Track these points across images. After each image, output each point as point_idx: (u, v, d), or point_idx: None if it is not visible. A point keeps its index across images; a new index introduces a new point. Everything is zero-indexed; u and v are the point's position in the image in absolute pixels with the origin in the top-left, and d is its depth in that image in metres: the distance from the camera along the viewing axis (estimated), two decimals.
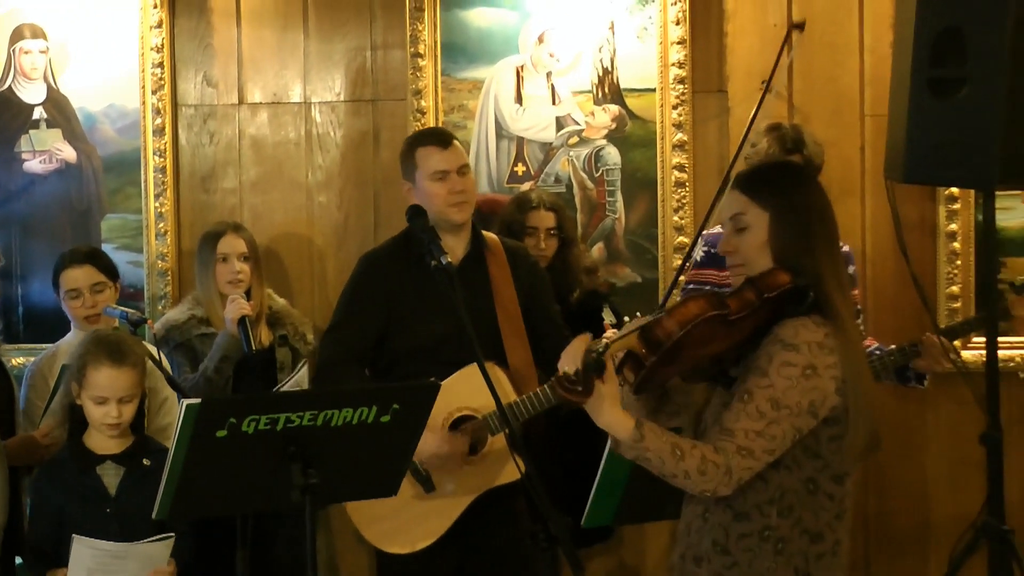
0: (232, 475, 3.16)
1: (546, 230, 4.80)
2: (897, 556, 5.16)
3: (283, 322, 4.89)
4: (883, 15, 5.04)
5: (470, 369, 3.91)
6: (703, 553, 2.89)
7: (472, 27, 5.30)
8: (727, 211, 2.94)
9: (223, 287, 4.76)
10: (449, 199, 4.06)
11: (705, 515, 2.90)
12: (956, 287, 5.07)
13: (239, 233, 4.86)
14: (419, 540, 4.03)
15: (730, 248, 2.91)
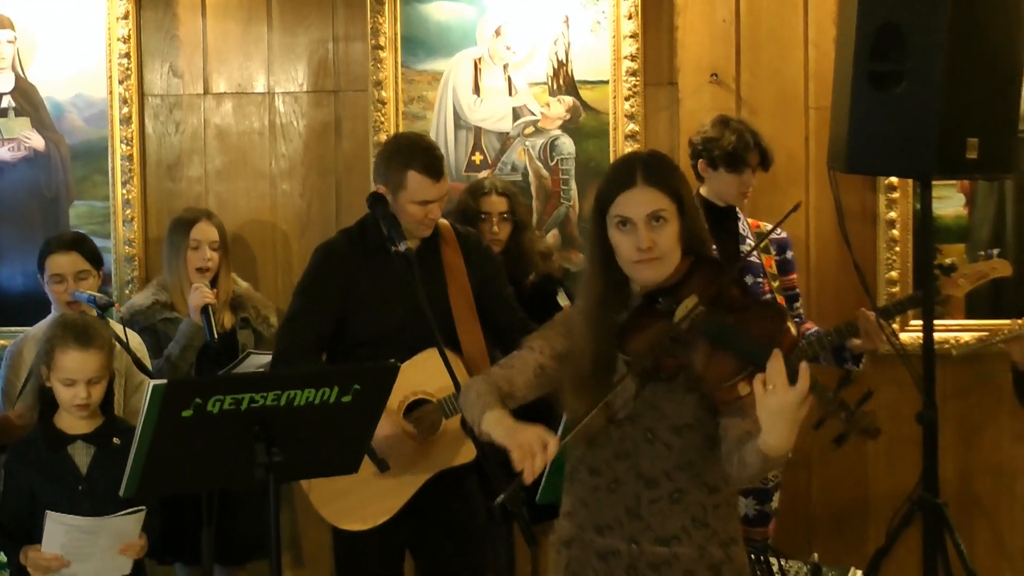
0: (197, 453, 3.17)
1: (499, 214, 4.80)
2: (838, 530, 5.21)
3: (245, 305, 4.90)
4: (826, 11, 5.07)
5: (425, 354, 3.93)
6: (674, 533, 2.87)
7: (431, 20, 5.30)
8: (645, 207, 2.83)
9: (192, 274, 4.76)
10: (424, 222, 4.05)
11: (675, 496, 2.87)
12: (895, 272, 5.11)
13: (211, 221, 4.85)
14: (375, 517, 4.03)
15: (650, 243, 2.82)
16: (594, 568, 2.93)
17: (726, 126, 4.55)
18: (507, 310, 4.23)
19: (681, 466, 2.87)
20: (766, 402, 2.52)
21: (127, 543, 3.81)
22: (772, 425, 2.54)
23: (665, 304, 2.82)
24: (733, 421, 2.78)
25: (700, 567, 2.87)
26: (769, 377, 2.51)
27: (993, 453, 5.17)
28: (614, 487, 2.91)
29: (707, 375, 2.73)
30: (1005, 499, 5.19)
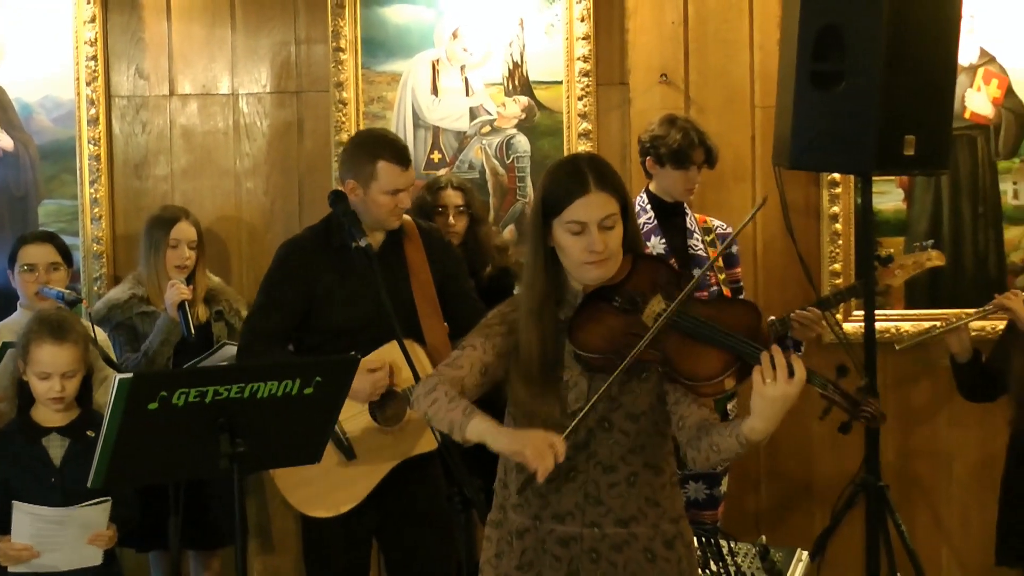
0: (163, 445, 3.15)
1: (455, 208, 4.81)
2: (785, 512, 5.24)
3: (218, 299, 4.90)
4: (771, 14, 5.10)
5: (390, 346, 3.93)
6: (632, 514, 2.92)
7: (390, 23, 5.29)
8: (599, 212, 2.84)
9: (170, 271, 4.76)
10: (395, 212, 4.05)
11: (631, 479, 2.92)
12: (838, 265, 5.14)
13: (190, 220, 4.86)
14: (341, 504, 4.03)
15: (603, 246, 2.84)
16: (554, 555, 2.94)
17: (672, 125, 4.57)
18: (468, 303, 4.24)
19: (634, 450, 2.92)
20: (766, 392, 2.60)
21: (96, 533, 3.80)
22: (765, 413, 2.63)
23: (623, 301, 2.85)
24: (689, 409, 2.84)
25: (656, 543, 2.94)
26: (767, 370, 2.59)
27: (931, 437, 5.22)
28: (572, 476, 2.92)
29: (692, 371, 2.76)
30: (943, 481, 5.24)
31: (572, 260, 2.89)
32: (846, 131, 3.98)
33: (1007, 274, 5.11)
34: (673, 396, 2.90)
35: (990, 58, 5.09)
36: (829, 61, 4.07)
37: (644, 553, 2.93)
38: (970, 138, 5.11)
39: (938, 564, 5.20)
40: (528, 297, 2.94)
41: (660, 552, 2.94)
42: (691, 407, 2.85)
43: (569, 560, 2.94)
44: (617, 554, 2.93)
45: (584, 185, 2.85)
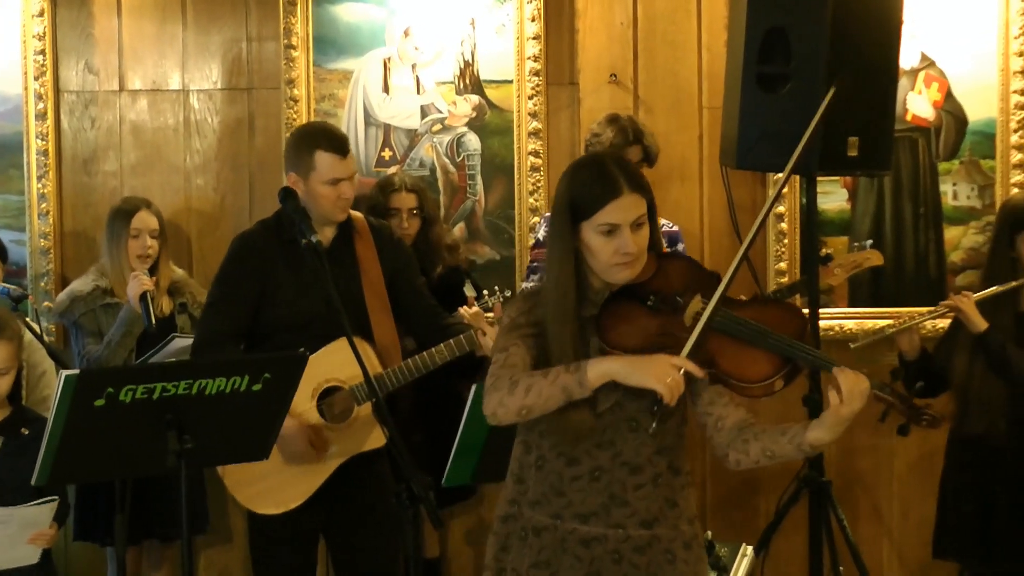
0: (110, 442, 3.13)
1: (408, 210, 4.79)
2: (731, 508, 5.26)
3: (182, 291, 4.89)
4: (718, 16, 5.12)
5: (337, 343, 3.90)
6: (655, 515, 2.88)
7: (341, 21, 5.27)
8: (632, 214, 2.81)
9: (133, 261, 4.74)
10: (338, 203, 4.02)
11: (656, 480, 2.88)
12: (784, 263, 5.17)
13: (151, 210, 4.84)
14: (289, 501, 4.00)
15: (634, 248, 2.81)
16: (576, 555, 2.88)
17: (611, 123, 4.59)
18: (419, 299, 4.22)
19: (660, 451, 2.88)
20: (842, 412, 2.66)
21: (38, 532, 3.74)
22: (837, 429, 2.69)
23: (658, 302, 2.82)
24: (727, 410, 2.86)
25: (676, 545, 2.90)
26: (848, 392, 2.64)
27: (873, 434, 5.22)
28: (597, 475, 2.87)
29: (741, 373, 2.75)
30: (884, 476, 5.29)
31: (602, 262, 2.84)
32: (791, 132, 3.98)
33: (947, 273, 5.16)
34: (707, 397, 2.88)
35: (930, 62, 5.13)
36: (774, 63, 4.09)
37: (665, 554, 2.88)
38: (911, 140, 5.16)
39: (879, 558, 5.24)
40: (558, 301, 2.87)
41: (680, 553, 2.90)
42: (728, 407, 2.86)
43: (590, 561, 2.88)
44: (639, 556, 2.87)
45: (617, 188, 2.82)
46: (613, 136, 4.52)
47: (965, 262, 5.14)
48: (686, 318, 2.80)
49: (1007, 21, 5.09)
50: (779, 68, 4.07)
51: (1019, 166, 5.11)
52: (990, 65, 5.13)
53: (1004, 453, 4.33)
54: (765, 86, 4.11)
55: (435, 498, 3.26)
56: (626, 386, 2.77)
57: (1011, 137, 5.11)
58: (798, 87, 4.02)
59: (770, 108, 4.09)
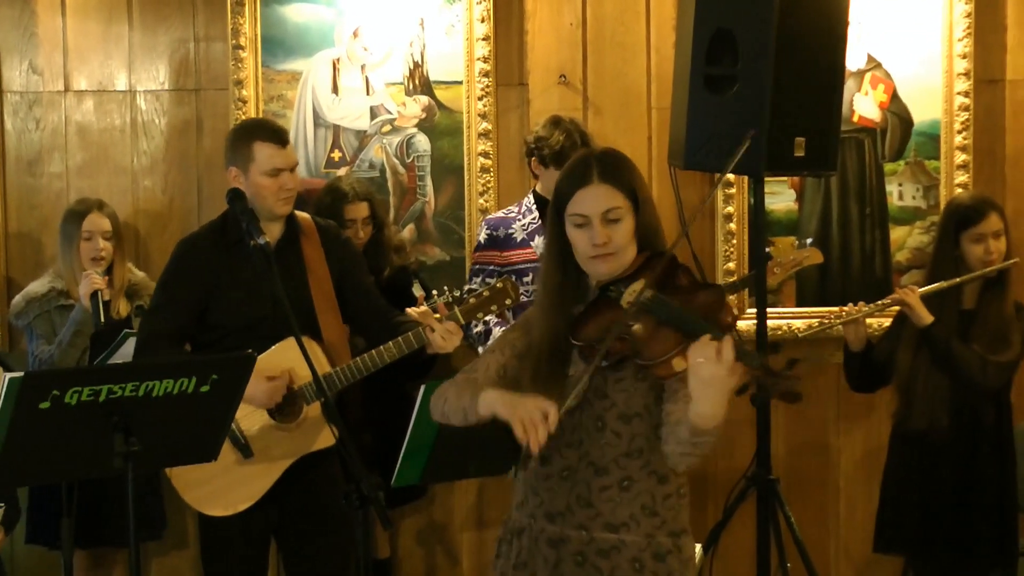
0: (55, 445, 3.10)
1: (362, 220, 4.80)
2: None
3: (140, 293, 4.88)
4: (666, 17, 5.14)
5: (285, 343, 3.90)
6: (623, 520, 2.81)
7: (290, 22, 5.25)
8: (601, 205, 2.80)
9: (86, 263, 4.74)
10: (279, 195, 4.02)
11: (624, 484, 2.81)
12: (732, 263, 5.21)
13: (103, 211, 4.84)
14: (238, 503, 3.99)
15: (605, 239, 2.79)
16: (544, 556, 2.86)
17: (556, 126, 4.60)
18: (368, 298, 4.22)
19: (630, 454, 2.82)
20: (697, 372, 2.52)
21: None
22: (703, 394, 2.53)
23: (616, 291, 2.80)
24: (676, 407, 2.73)
25: (647, 555, 2.81)
26: (703, 347, 2.50)
27: (820, 432, 5.30)
28: (566, 475, 2.85)
29: (647, 351, 2.70)
30: (831, 474, 5.33)
31: (580, 254, 2.84)
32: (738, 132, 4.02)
33: (893, 272, 5.21)
34: (668, 390, 2.79)
35: (876, 64, 5.19)
36: (722, 65, 4.11)
37: (632, 563, 2.81)
38: (858, 141, 5.21)
39: (825, 554, 5.29)
40: (542, 291, 2.90)
41: (649, 564, 2.81)
42: (680, 403, 2.71)
43: (556, 562, 2.86)
44: (603, 560, 2.82)
45: (586, 177, 2.81)
46: (562, 139, 4.54)
47: (911, 262, 5.20)
48: (623, 302, 2.78)
49: (951, 23, 5.15)
50: (726, 70, 4.10)
51: (963, 167, 5.18)
52: (935, 67, 5.19)
53: (947, 448, 4.38)
54: (712, 87, 4.13)
55: (385, 498, 3.25)
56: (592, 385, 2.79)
57: (955, 138, 5.17)
58: (745, 88, 4.05)
59: (717, 109, 4.12)
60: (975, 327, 4.38)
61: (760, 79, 4.00)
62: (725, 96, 4.10)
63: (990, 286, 4.40)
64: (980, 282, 4.40)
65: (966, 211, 4.42)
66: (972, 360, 4.30)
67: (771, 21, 3.96)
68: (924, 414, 4.38)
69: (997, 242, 4.37)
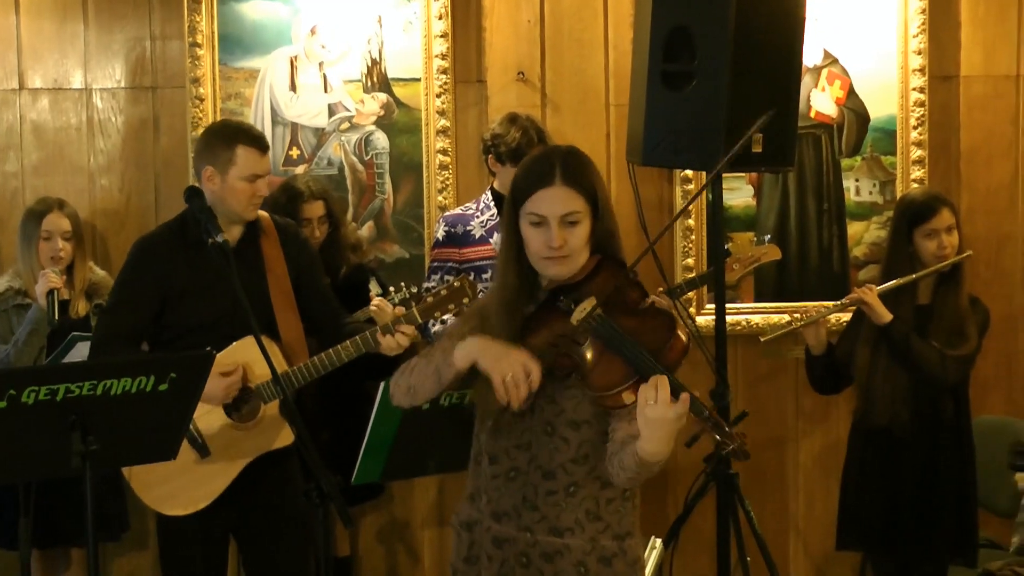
0: (12, 445, 3.09)
1: (318, 219, 4.80)
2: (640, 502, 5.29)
3: (100, 292, 4.86)
4: (624, 14, 5.17)
5: (243, 342, 3.90)
6: (568, 525, 2.83)
7: (247, 19, 5.24)
8: (560, 207, 2.78)
9: (45, 263, 4.73)
10: (252, 200, 4.02)
11: (570, 489, 2.83)
12: (691, 259, 5.24)
13: (63, 211, 4.82)
14: (197, 502, 3.98)
15: (560, 242, 2.77)
16: (488, 554, 2.89)
17: (513, 123, 4.60)
18: (322, 300, 4.23)
19: (577, 460, 2.83)
20: (646, 413, 2.54)
21: None
22: (651, 434, 2.56)
23: (566, 303, 2.79)
24: (621, 424, 2.75)
25: (591, 559, 2.83)
26: (651, 388, 2.53)
27: (779, 427, 5.35)
28: (513, 476, 2.86)
29: (595, 380, 2.72)
30: (790, 469, 5.38)
31: (532, 253, 2.83)
32: (696, 129, 4.05)
33: (850, 267, 5.27)
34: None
35: (833, 60, 5.24)
36: (679, 61, 4.14)
37: (577, 567, 2.83)
38: (815, 137, 5.26)
39: (785, 549, 5.34)
40: (499, 287, 2.89)
41: (594, 568, 2.83)
42: (623, 421, 2.74)
43: (501, 562, 2.87)
44: (547, 563, 2.84)
45: (549, 177, 2.79)
46: (519, 136, 4.55)
47: (868, 257, 5.26)
48: (573, 319, 2.77)
49: (906, 20, 5.21)
50: (684, 66, 4.12)
51: (919, 162, 5.24)
52: (890, 63, 5.25)
53: (908, 444, 4.42)
54: (670, 84, 4.16)
55: (345, 497, 3.26)
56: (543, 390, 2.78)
57: (911, 134, 5.24)
58: (702, 85, 4.08)
59: (675, 106, 4.14)
60: (932, 322, 4.43)
61: (718, 76, 4.03)
62: (683, 93, 4.13)
63: (944, 281, 4.46)
64: (935, 277, 4.46)
65: (918, 207, 4.47)
66: (931, 356, 4.35)
67: (728, 18, 3.99)
68: (885, 410, 4.42)
69: (950, 237, 4.42)
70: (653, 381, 2.54)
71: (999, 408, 5.30)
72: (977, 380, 4.95)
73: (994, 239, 5.34)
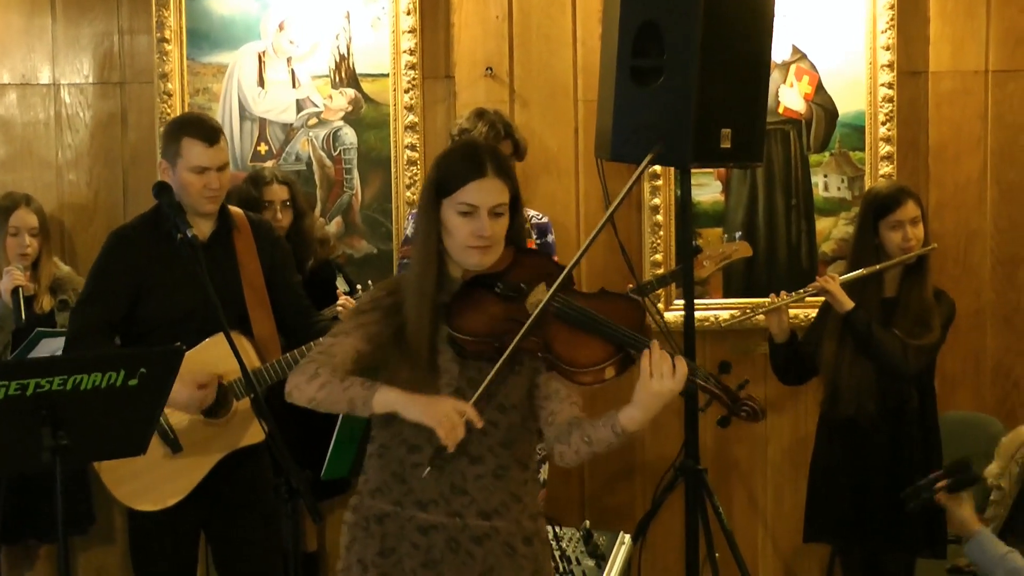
0: None
1: (281, 203, 4.80)
2: (608, 495, 5.34)
3: (65, 288, 4.86)
4: (592, 10, 5.20)
5: (217, 338, 3.90)
6: (495, 507, 2.93)
7: (215, 14, 5.25)
8: (493, 198, 2.89)
9: (12, 259, 4.72)
10: (204, 192, 4.02)
11: (498, 472, 2.93)
12: (659, 255, 5.27)
13: (30, 207, 4.82)
14: (168, 498, 3.99)
15: (489, 232, 2.88)
16: (413, 542, 2.93)
17: (480, 118, 4.63)
18: (293, 297, 4.24)
19: (504, 443, 2.93)
20: (652, 387, 2.70)
21: None
22: (648, 405, 2.73)
23: (506, 288, 2.88)
24: (561, 406, 2.90)
25: (516, 539, 2.95)
26: (655, 365, 2.68)
27: None
28: (437, 463, 2.90)
29: (573, 358, 2.81)
30: (759, 464, 5.42)
31: (457, 242, 2.91)
32: (664, 124, 4.07)
33: (819, 263, 5.31)
34: (545, 391, 2.94)
35: (801, 55, 5.29)
36: (648, 57, 4.15)
37: (504, 547, 2.93)
38: (783, 132, 5.30)
39: (754, 543, 5.38)
40: (418, 275, 2.94)
41: (519, 548, 2.95)
42: (563, 404, 2.90)
43: (428, 548, 2.93)
44: (477, 546, 2.92)
45: (481, 169, 2.89)
46: (486, 131, 4.58)
47: (836, 252, 5.30)
48: (528, 305, 2.88)
49: (874, 16, 5.26)
50: (652, 61, 4.14)
51: (887, 158, 5.28)
52: (859, 59, 5.29)
53: (874, 434, 4.47)
54: (639, 79, 4.18)
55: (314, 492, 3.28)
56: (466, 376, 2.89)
57: (879, 129, 5.28)
58: (671, 80, 4.09)
59: (644, 101, 4.16)
60: (896, 313, 4.48)
61: (686, 71, 4.05)
62: (651, 88, 4.14)
63: (910, 273, 4.51)
64: (900, 269, 4.51)
65: (883, 200, 4.52)
66: (893, 344, 4.40)
67: (697, 13, 4.01)
68: (850, 401, 4.46)
69: (915, 229, 4.48)
70: (658, 355, 2.69)
71: (967, 404, 5.35)
72: (945, 376, 5.02)
73: (963, 235, 5.39)
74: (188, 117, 4.19)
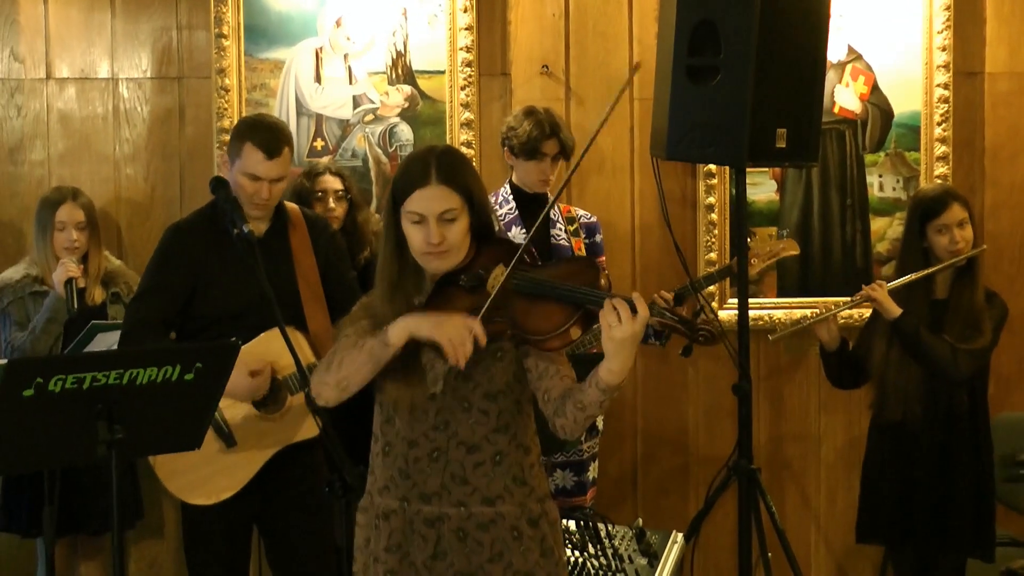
0: (39, 433, 3.08)
1: (334, 192, 4.77)
2: (661, 495, 5.31)
3: (117, 281, 4.87)
4: (649, 8, 5.16)
5: (270, 333, 3.90)
6: (498, 493, 2.96)
7: (273, 10, 5.24)
8: (437, 206, 2.89)
9: (60, 252, 4.74)
10: (252, 199, 4.00)
11: (496, 458, 2.96)
12: (714, 254, 5.23)
13: (77, 201, 4.82)
14: (221, 492, 3.98)
15: (440, 238, 2.89)
16: (422, 535, 2.96)
17: (527, 116, 4.59)
18: (347, 293, 4.21)
19: (499, 429, 2.96)
20: (614, 335, 2.69)
21: None
22: (617, 352, 2.71)
23: (468, 280, 2.92)
24: (552, 382, 2.91)
25: (522, 522, 2.97)
26: (610, 314, 2.69)
27: (801, 422, 5.33)
28: (436, 456, 2.95)
29: (537, 327, 2.84)
30: (812, 464, 5.36)
31: (415, 249, 2.94)
32: (720, 124, 4.04)
33: (873, 263, 5.25)
34: (535, 372, 2.95)
35: (857, 55, 5.22)
36: (704, 56, 4.13)
37: (511, 531, 2.96)
38: (839, 132, 5.23)
39: (807, 543, 5.32)
40: (381, 283, 3.00)
41: (526, 531, 2.97)
42: (554, 379, 2.91)
43: (436, 539, 2.96)
44: (483, 533, 2.95)
45: (425, 177, 2.90)
46: (530, 129, 4.53)
47: (891, 252, 5.22)
48: (489, 287, 2.90)
49: (931, 16, 5.19)
50: (708, 60, 4.11)
51: (943, 159, 5.21)
52: (915, 59, 5.22)
53: (921, 438, 4.42)
54: (694, 78, 4.15)
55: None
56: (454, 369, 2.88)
57: (935, 130, 5.21)
58: (727, 79, 4.07)
59: (700, 100, 4.13)
60: (947, 316, 4.42)
61: (742, 70, 4.02)
62: (707, 87, 4.12)
63: (961, 275, 4.45)
64: (951, 272, 4.44)
65: (929, 203, 4.47)
66: (942, 349, 4.34)
67: (754, 12, 3.99)
68: (898, 405, 4.42)
69: (962, 231, 4.41)
70: (609, 305, 2.71)
71: (1022, 405, 5.27)
72: (999, 377, 4.94)
73: (1018, 234, 5.31)
74: (258, 122, 4.12)
